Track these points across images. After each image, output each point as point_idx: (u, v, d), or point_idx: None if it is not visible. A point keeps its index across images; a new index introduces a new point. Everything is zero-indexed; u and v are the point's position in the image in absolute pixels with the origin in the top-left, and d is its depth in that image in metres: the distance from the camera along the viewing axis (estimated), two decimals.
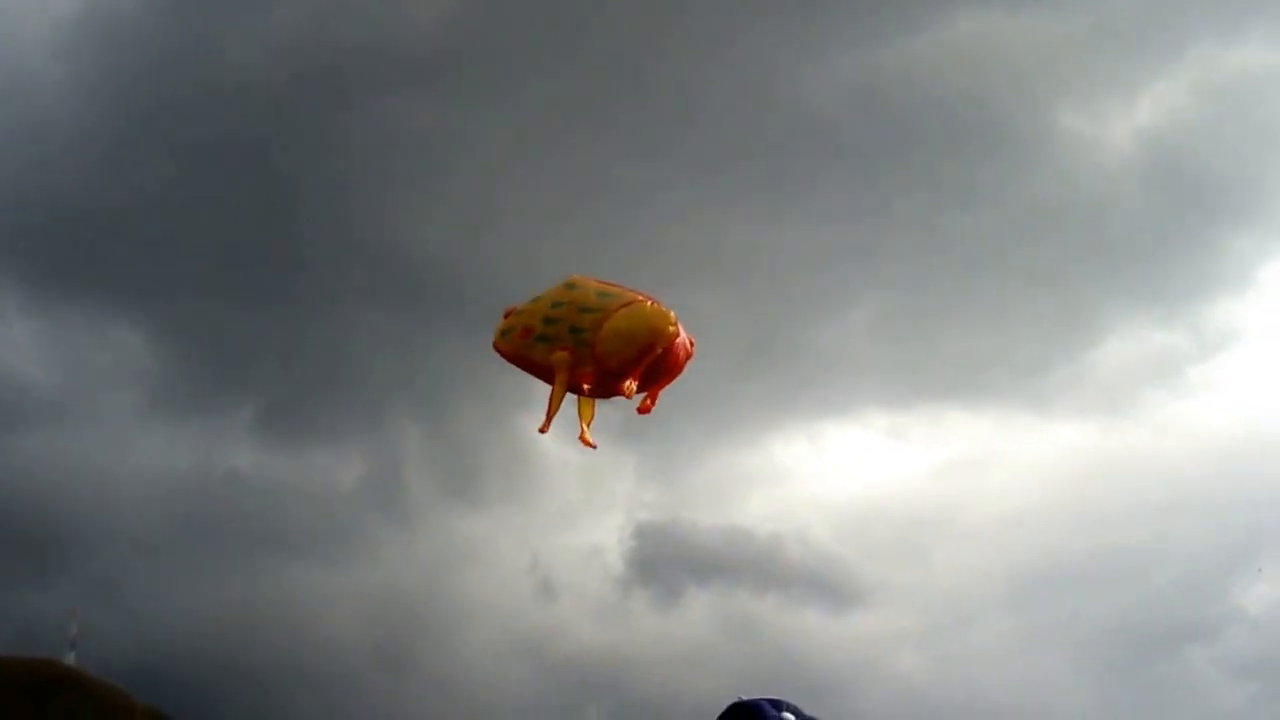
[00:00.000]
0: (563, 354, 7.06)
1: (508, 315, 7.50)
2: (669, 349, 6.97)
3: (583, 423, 7.20)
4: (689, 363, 7.20)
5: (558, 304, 7.24)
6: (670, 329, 6.95)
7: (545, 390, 7.27)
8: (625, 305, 7.05)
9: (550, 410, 7.06)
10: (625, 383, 6.91)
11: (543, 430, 7.08)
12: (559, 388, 7.07)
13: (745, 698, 4.46)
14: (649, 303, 7.10)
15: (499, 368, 7.59)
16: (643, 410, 7.17)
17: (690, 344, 7.12)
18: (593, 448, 7.19)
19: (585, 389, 7.12)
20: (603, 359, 6.95)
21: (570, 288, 7.30)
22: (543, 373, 7.26)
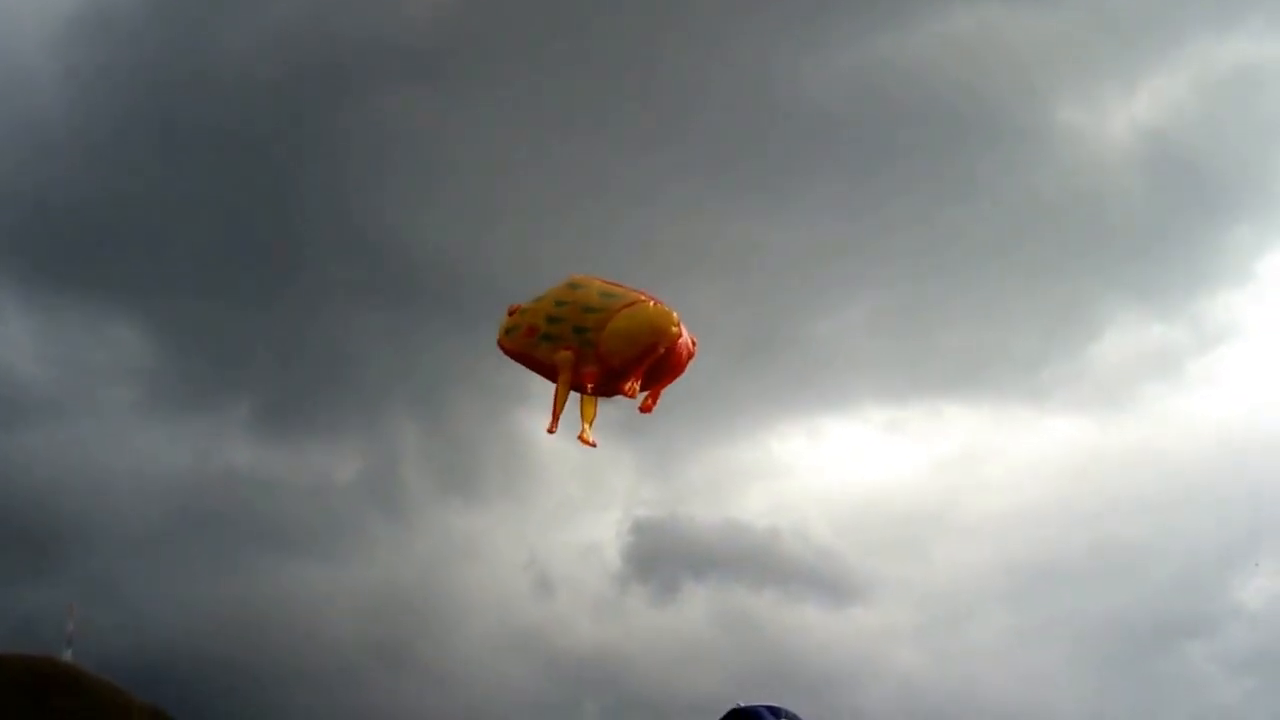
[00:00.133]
0: (566, 353, 7.14)
1: (512, 313, 7.57)
2: (671, 349, 7.08)
3: (584, 422, 7.27)
4: (690, 362, 7.23)
5: (561, 303, 7.31)
6: (673, 329, 7.05)
7: (543, 386, 7.37)
8: (628, 305, 7.13)
9: (555, 409, 7.15)
10: (628, 383, 7.01)
11: (551, 430, 7.14)
12: (563, 387, 7.16)
13: (744, 704, 4.46)
14: (652, 303, 7.18)
15: (497, 364, 7.62)
16: (644, 409, 7.25)
17: (692, 344, 7.19)
18: (592, 446, 7.25)
19: (588, 388, 7.19)
20: (606, 358, 7.04)
21: (574, 287, 7.35)
22: (546, 371, 7.33)
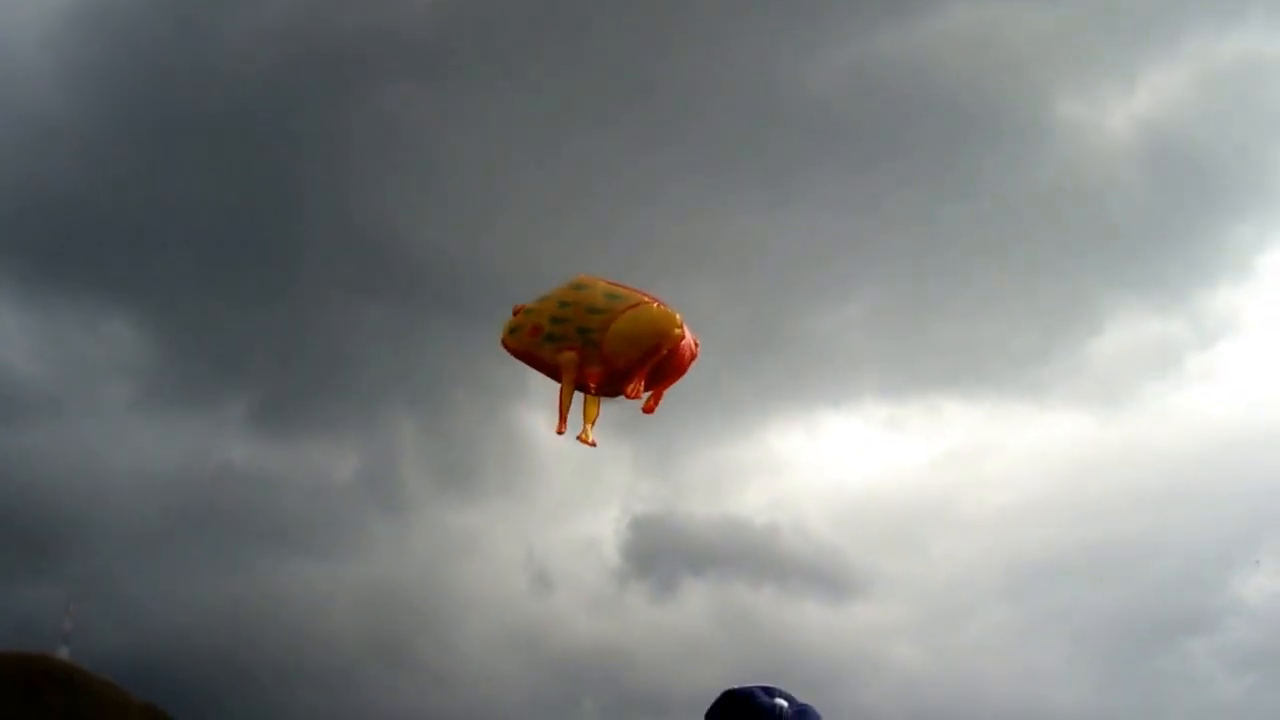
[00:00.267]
0: (570, 354, 7.16)
1: (516, 313, 7.57)
2: (674, 350, 7.09)
3: (586, 422, 7.27)
4: (693, 363, 7.27)
5: (565, 304, 7.32)
6: (676, 331, 7.07)
7: (542, 384, 7.40)
8: (632, 307, 7.15)
9: (562, 410, 7.17)
10: (631, 384, 7.03)
11: (560, 431, 7.17)
12: (567, 388, 7.18)
13: (737, 686, 4.48)
14: (656, 304, 7.19)
15: (495, 362, 7.64)
16: (647, 410, 7.29)
17: (695, 345, 7.22)
18: (593, 446, 7.26)
19: (592, 388, 7.20)
20: (610, 359, 7.07)
21: (578, 288, 7.36)
22: (550, 371, 7.35)
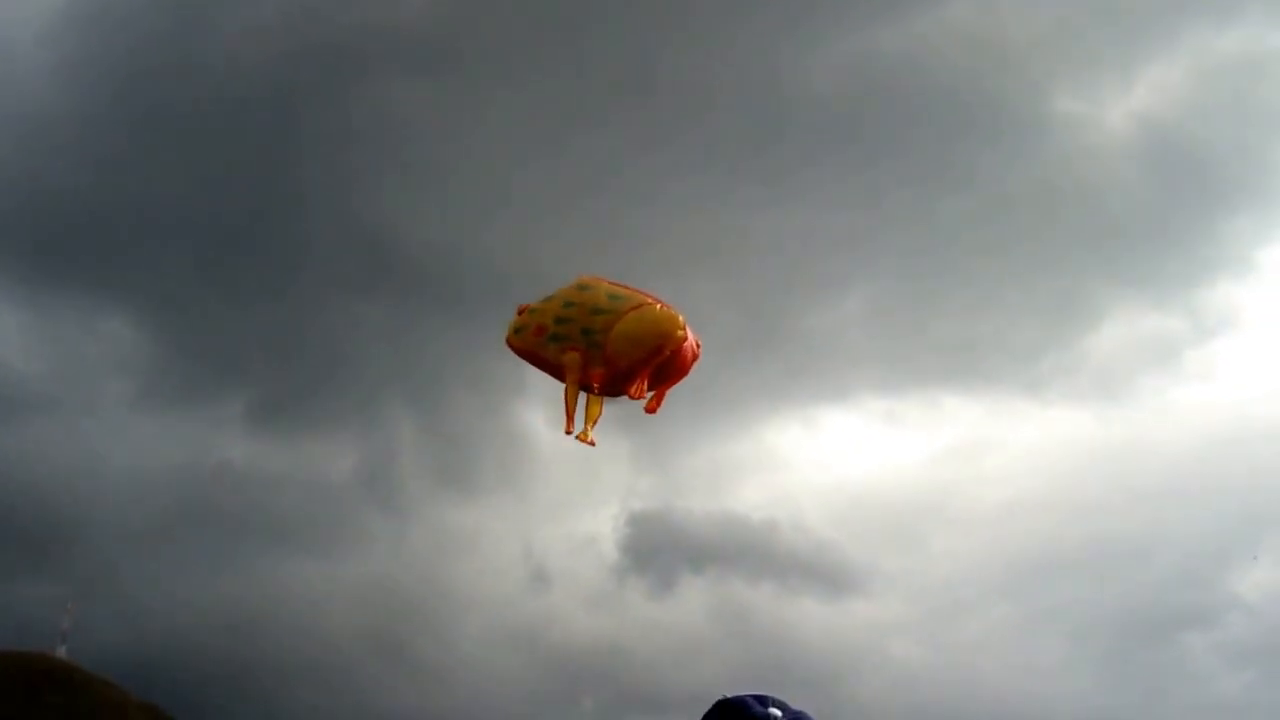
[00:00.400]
0: (574, 355, 7.29)
1: (521, 313, 7.68)
2: (677, 351, 7.26)
3: (588, 421, 7.41)
4: (695, 364, 7.38)
5: (569, 304, 7.44)
6: (679, 332, 7.23)
7: (540, 381, 7.56)
8: (636, 308, 7.29)
9: (568, 410, 7.31)
10: (633, 385, 7.18)
11: (568, 431, 7.31)
12: (572, 388, 7.31)
13: (730, 695, 4.50)
14: (659, 306, 7.34)
15: (494, 359, 7.75)
16: (650, 410, 7.42)
17: (697, 346, 7.38)
18: (592, 445, 7.38)
19: (595, 388, 7.34)
20: (613, 360, 7.20)
21: (582, 289, 7.49)
22: (554, 370, 7.48)
